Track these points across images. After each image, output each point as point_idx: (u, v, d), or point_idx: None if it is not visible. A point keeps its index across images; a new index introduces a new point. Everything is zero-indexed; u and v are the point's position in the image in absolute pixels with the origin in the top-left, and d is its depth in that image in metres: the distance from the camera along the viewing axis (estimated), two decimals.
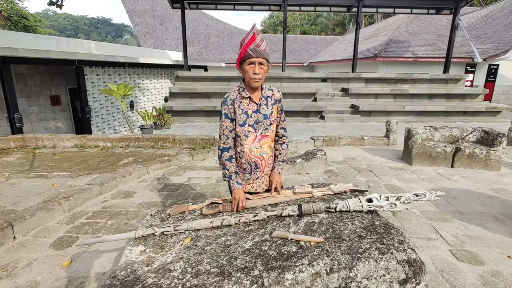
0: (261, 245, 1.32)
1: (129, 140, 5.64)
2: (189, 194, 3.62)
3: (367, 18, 31.22)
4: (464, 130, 4.91)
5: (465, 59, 13.69)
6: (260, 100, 1.72)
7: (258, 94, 1.73)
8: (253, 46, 1.59)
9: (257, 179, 1.83)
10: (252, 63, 1.60)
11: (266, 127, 1.74)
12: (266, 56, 1.63)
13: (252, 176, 1.81)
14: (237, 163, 1.81)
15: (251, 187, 1.85)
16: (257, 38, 1.60)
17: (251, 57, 1.59)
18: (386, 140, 6.14)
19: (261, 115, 1.71)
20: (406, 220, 2.93)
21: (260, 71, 1.61)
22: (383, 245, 1.20)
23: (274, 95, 1.78)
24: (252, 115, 1.70)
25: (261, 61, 1.61)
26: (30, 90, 7.84)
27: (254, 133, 1.72)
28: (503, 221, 2.91)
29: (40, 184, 3.69)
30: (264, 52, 1.62)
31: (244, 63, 1.62)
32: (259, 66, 1.61)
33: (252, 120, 1.70)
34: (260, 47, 1.61)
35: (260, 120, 1.71)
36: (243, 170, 1.82)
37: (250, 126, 1.71)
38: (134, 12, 21.42)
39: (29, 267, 2.22)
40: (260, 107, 1.72)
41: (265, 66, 1.64)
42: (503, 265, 2.24)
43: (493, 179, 4.10)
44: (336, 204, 1.53)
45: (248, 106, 1.70)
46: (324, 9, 12.59)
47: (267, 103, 1.75)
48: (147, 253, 1.43)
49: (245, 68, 1.62)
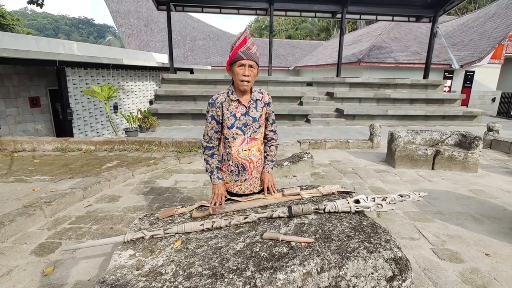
0: (252, 246, 1.33)
1: (114, 143, 5.52)
2: (176, 197, 3.58)
3: (351, 24, 31.99)
4: (443, 133, 5.11)
5: (444, 66, 14.27)
6: (249, 103, 1.73)
7: (248, 97, 1.75)
8: (244, 48, 1.61)
9: (244, 181, 1.84)
10: (243, 65, 1.62)
11: (255, 130, 1.75)
12: (256, 59, 1.66)
13: (240, 178, 1.82)
14: (224, 164, 1.83)
15: (239, 188, 1.86)
16: (248, 41, 1.63)
17: (241, 59, 1.60)
18: (370, 143, 6.30)
19: (250, 118, 1.73)
20: (390, 220, 3.02)
21: (250, 73, 1.63)
22: (371, 244, 1.24)
23: (264, 98, 1.80)
24: (241, 117, 1.71)
25: (251, 64, 1.63)
26: (8, 91, 7.53)
27: (243, 136, 1.74)
28: (480, 220, 3.05)
29: (20, 188, 3.55)
30: (254, 55, 1.65)
31: (235, 65, 1.63)
32: (249, 68, 1.63)
33: (240, 123, 1.71)
34: (251, 50, 1.63)
35: (249, 123, 1.73)
36: (230, 172, 1.83)
37: (238, 129, 1.72)
38: (118, 13, 21.03)
39: (9, 275, 2.13)
40: (249, 110, 1.73)
41: (255, 69, 1.67)
42: (481, 262, 2.35)
43: (471, 181, 4.29)
44: (325, 205, 1.56)
45: (236, 108, 1.71)
46: (309, 14, 12.82)
47: (257, 106, 1.76)
48: (136, 257, 1.41)
49: (235, 70, 1.63)
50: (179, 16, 22.55)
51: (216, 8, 11.89)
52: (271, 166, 1.89)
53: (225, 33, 24.35)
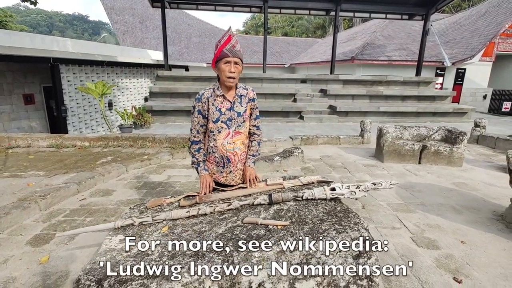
0: (233, 230, 1.44)
1: (108, 139, 5.59)
2: (169, 191, 3.68)
3: (347, 21, 32.12)
4: (430, 129, 5.26)
5: (436, 63, 14.46)
6: (234, 98, 1.83)
7: (232, 92, 1.84)
8: (229, 46, 1.71)
9: (230, 173, 1.94)
10: (228, 62, 1.71)
11: (240, 124, 1.85)
12: (241, 56, 1.76)
13: (225, 169, 1.92)
14: (210, 157, 1.93)
15: (225, 179, 1.96)
16: (233, 40, 1.73)
17: (227, 56, 1.70)
18: (360, 139, 6.44)
19: (235, 113, 1.83)
20: (374, 211, 3.15)
21: (235, 70, 1.73)
22: (340, 226, 1.36)
23: (249, 94, 1.89)
24: (226, 112, 1.81)
25: (237, 61, 1.73)
26: (1, 88, 7.55)
27: (227, 130, 1.83)
28: (460, 211, 3.19)
29: (15, 183, 3.62)
30: (239, 53, 1.75)
31: (220, 62, 1.73)
32: (234, 65, 1.72)
33: (225, 117, 1.81)
34: (236, 48, 1.73)
35: (233, 117, 1.82)
36: (216, 164, 1.92)
37: (223, 123, 1.81)
38: (112, 9, 20.92)
39: (5, 264, 2.22)
40: (234, 105, 1.83)
41: (239, 66, 1.76)
42: (456, 249, 2.48)
43: (455, 174, 4.44)
44: (303, 193, 1.67)
45: (222, 103, 1.81)
46: (304, 12, 12.91)
47: (241, 101, 1.85)
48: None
49: (221, 66, 1.73)
50: (174, 13, 22.49)
51: (210, 5, 11.93)
52: (252, 160, 1.97)
53: (221, 30, 24.34)
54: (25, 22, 50.31)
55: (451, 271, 2.18)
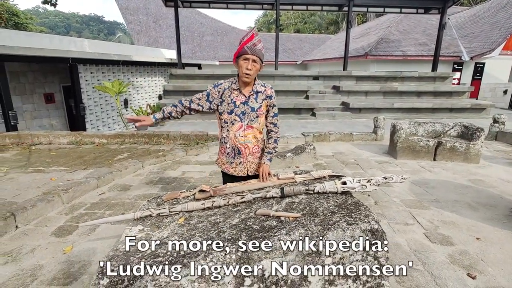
0: (246, 221, 1.50)
1: (124, 136, 5.77)
2: (184, 186, 3.78)
3: (360, 16, 31.55)
4: (445, 125, 5.15)
5: (453, 58, 14.05)
6: (249, 93, 1.89)
7: (249, 88, 1.90)
8: (250, 44, 1.77)
9: (239, 164, 2.00)
10: (247, 59, 1.77)
11: (253, 119, 1.91)
12: (260, 55, 1.80)
13: (235, 160, 1.99)
14: (221, 147, 2.02)
15: (233, 170, 2.03)
16: (255, 38, 1.79)
17: (246, 54, 1.76)
18: (374, 135, 6.37)
19: (249, 107, 1.88)
20: (386, 208, 3.14)
21: (252, 67, 1.78)
22: (351, 218, 1.39)
23: (266, 91, 1.93)
24: (240, 106, 1.87)
25: (255, 59, 1.78)
26: (24, 88, 7.88)
27: (240, 122, 1.90)
28: (475, 208, 3.15)
29: (38, 178, 3.81)
30: (259, 52, 1.79)
31: (240, 58, 1.79)
32: (252, 63, 1.77)
33: (239, 110, 1.88)
34: (256, 46, 1.79)
35: (247, 112, 1.88)
36: (226, 154, 2.00)
37: (236, 116, 1.88)
38: (127, 9, 21.34)
39: (32, 252, 2.36)
40: (249, 100, 1.89)
41: (258, 64, 1.81)
42: (471, 245, 2.46)
43: (472, 171, 4.35)
44: (314, 186, 1.71)
45: (237, 97, 1.88)
46: (316, 8, 12.79)
47: (257, 97, 1.91)
48: (145, 231, 1.59)
49: (240, 62, 1.79)
50: (187, 12, 22.72)
51: (223, 3, 12.00)
52: (268, 157, 1.99)
53: (233, 28, 24.42)
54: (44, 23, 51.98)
55: (465, 267, 2.17)
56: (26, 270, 2.13)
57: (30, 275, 2.07)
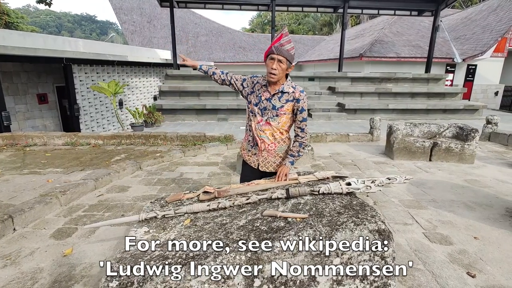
0: (253, 222, 1.50)
1: (121, 137, 5.71)
2: (183, 188, 3.76)
3: (354, 18, 31.83)
4: (441, 126, 5.23)
5: (446, 59, 14.27)
6: (275, 92, 1.92)
7: (276, 87, 1.92)
8: (278, 44, 1.80)
9: (254, 155, 2.09)
10: (273, 59, 1.81)
11: (272, 117, 1.94)
12: (286, 55, 1.81)
13: (252, 150, 2.09)
14: (246, 134, 2.15)
15: (248, 158, 2.13)
16: (283, 39, 1.82)
17: (273, 53, 1.80)
18: (370, 136, 6.43)
19: (270, 105, 1.92)
20: (385, 208, 3.18)
21: (277, 67, 1.81)
22: (358, 218, 1.41)
23: (295, 93, 1.90)
24: (264, 101, 1.94)
25: (281, 59, 1.80)
26: (17, 88, 7.75)
27: (260, 117, 1.96)
28: (472, 207, 3.20)
29: (35, 180, 3.75)
30: (285, 52, 1.80)
31: (268, 58, 1.85)
32: (277, 63, 1.80)
33: (262, 105, 1.94)
34: (284, 46, 1.81)
35: (268, 108, 1.93)
36: (247, 142, 2.11)
37: (259, 109, 1.96)
38: (121, 9, 21.17)
39: (32, 255, 2.32)
40: (272, 98, 1.93)
41: (284, 64, 1.82)
42: (469, 244, 2.50)
43: (467, 171, 4.42)
44: (319, 187, 1.72)
45: (264, 93, 1.94)
46: (311, 9, 12.88)
47: (281, 97, 1.91)
48: (151, 233, 1.58)
49: (267, 62, 1.85)
50: (182, 12, 22.62)
51: (218, 4, 11.99)
52: (290, 160, 1.99)
53: (228, 29, 24.40)
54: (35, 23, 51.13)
55: (465, 266, 2.20)
56: (26, 273, 2.10)
57: (30, 278, 2.04)
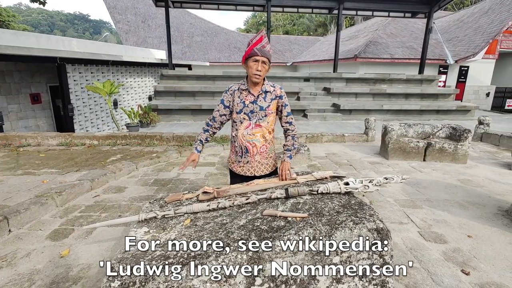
0: (254, 222, 1.51)
1: (116, 137, 5.68)
2: (180, 188, 3.76)
3: (348, 19, 32.05)
4: (434, 127, 5.31)
5: (439, 61, 14.46)
6: (258, 93, 1.94)
7: (258, 88, 1.95)
8: (260, 46, 1.83)
9: (247, 163, 2.04)
10: (257, 61, 1.83)
11: (261, 118, 1.96)
12: (269, 57, 1.87)
13: (243, 159, 2.04)
14: (232, 146, 2.09)
15: (241, 169, 2.07)
16: (264, 40, 1.86)
17: (256, 55, 1.82)
18: (365, 136, 6.50)
19: (257, 106, 1.94)
20: (381, 207, 3.22)
21: (262, 68, 1.85)
22: (356, 217, 1.43)
23: (276, 91, 1.99)
24: (249, 105, 1.93)
25: (264, 60, 1.85)
26: (9, 88, 7.64)
27: (248, 121, 1.96)
28: (465, 206, 3.26)
29: (29, 180, 3.71)
30: (267, 53, 1.86)
31: (249, 60, 1.85)
32: (262, 64, 1.84)
33: (248, 109, 1.94)
34: (265, 48, 1.85)
35: (255, 111, 1.94)
36: (235, 153, 2.07)
37: (245, 114, 1.95)
38: (115, 9, 20.98)
39: (28, 257, 2.30)
40: (258, 99, 1.95)
41: (266, 65, 1.88)
42: (463, 243, 2.55)
43: (460, 171, 4.50)
44: (318, 187, 1.75)
45: (246, 97, 1.94)
46: (306, 10, 12.94)
47: (266, 97, 1.96)
48: (151, 233, 1.59)
49: (250, 64, 1.85)
50: (177, 12, 22.53)
51: (214, 4, 11.98)
52: (288, 154, 2.06)
53: (223, 29, 24.37)
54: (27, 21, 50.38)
55: (459, 264, 2.25)
56: (22, 274, 2.08)
57: (27, 280, 2.02)
